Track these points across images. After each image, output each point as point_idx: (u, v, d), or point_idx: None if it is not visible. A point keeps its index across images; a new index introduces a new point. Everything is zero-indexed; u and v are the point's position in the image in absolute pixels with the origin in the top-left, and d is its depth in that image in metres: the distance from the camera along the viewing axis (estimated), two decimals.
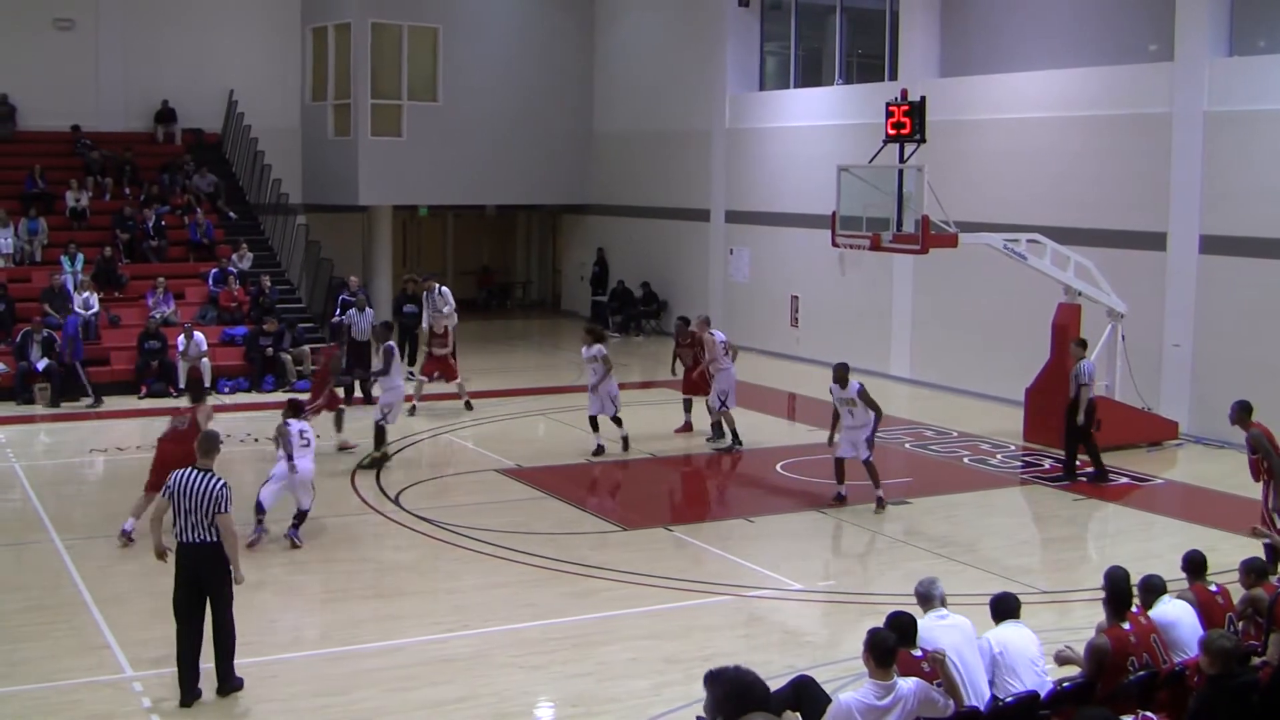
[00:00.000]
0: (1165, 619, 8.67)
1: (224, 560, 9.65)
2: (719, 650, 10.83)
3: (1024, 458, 18.39)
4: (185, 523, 9.58)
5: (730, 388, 18.54)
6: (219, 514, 9.55)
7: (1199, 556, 9.44)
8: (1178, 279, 19.64)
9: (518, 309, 36.02)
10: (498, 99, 30.87)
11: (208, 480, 9.63)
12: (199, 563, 9.59)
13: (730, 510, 16.38)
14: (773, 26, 28.88)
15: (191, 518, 9.56)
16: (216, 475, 9.73)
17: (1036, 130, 21.88)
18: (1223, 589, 9.30)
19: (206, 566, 9.60)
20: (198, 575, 9.61)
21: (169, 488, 9.74)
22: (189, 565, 9.61)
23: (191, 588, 9.63)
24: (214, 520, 9.56)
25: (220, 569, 9.66)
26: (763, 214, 27.82)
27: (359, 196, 29.81)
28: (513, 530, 14.36)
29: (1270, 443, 12.30)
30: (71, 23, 28.94)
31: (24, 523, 14.63)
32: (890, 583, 12.51)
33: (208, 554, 9.59)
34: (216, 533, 9.59)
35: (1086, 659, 8.29)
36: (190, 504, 9.55)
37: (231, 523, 9.70)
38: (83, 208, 26.21)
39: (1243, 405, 12.72)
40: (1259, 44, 19.65)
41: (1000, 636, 8.44)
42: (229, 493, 9.65)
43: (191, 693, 9.63)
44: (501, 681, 10.13)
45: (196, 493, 9.56)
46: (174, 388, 22.10)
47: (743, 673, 6.71)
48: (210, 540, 9.59)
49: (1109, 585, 8.55)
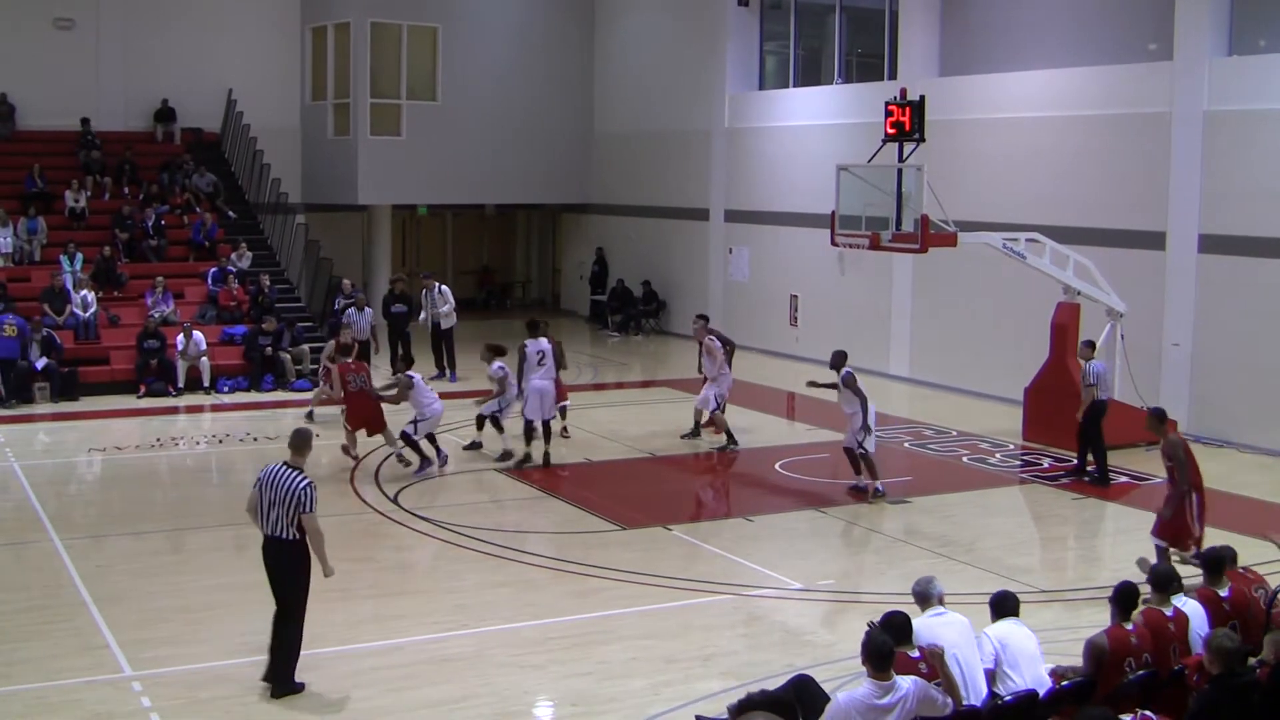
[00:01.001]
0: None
1: (300, 559, 9.69)
2: (719, 650, 10.86)
3: (1023, 457, 18.39)
4: (269, 517, 9.66)
5: (725, 391, 18.50)
6: (302, 514, 9.58)
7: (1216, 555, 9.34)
8: (1177, 278, 19.64)
9: (517, 308, 35.98)
10: (497, 98, 30.87)
11: (293, 478, 9.63)
12: (276, 558, 9.69)
13: (730, 509, 16.39)
14: (772, 26, 28.88)
15: (275, 511, 9.62)
16: (303, 474, 9.71)
17: (1036, 130, 21.88)
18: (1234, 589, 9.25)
19: (282, 563, 9.69)
20: (274, 567, 9.72)
21: (259, 480, 9.81)
22: (269, 559, 9.73)
23: (272, 578, 9.78)
24: (295, 518, 9.59)
25: (295, 567, 9.70)
26: (762, 213, 27.82)
27: (358, 196, 29.82)
28: (512, 530, 14.37)
29: (1185, 452, 12.20)
30: (71, 22, 28.95)
31: (23, 522, 14.61)
32: (889, 582, 12.51)
33: (284, 550, 9.67)
34: (297, 531, 9.63)
35: (1085, 656, 8.30)
36: (275, 498, 9.61)
37: (316, 521, 9.71)
38: (82, 207, 26.21)
39: (1157, 413, 12.65)
40: (1259, 43, 19.65)
41: (999, 632, 8.44)
42: (313, 492, 9.66)
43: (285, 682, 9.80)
44: (501, 681, 10.13)
45: (281, 489, 9.60)
46: (172, 387, 22.11)
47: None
48: (287, 537, 9.64)
49: (1118, 588, 8.55)
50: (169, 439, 19.17)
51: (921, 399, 22.79)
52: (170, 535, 14.40)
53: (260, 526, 9.77)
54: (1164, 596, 8.70)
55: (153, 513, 15.44)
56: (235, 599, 11.97)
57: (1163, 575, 8.83)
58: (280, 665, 9.75)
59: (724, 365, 18.41)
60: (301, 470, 9.74)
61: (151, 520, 14.96)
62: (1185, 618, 8.58)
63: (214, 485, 17.24)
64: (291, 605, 9.74)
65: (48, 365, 21.47)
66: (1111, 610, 8.51)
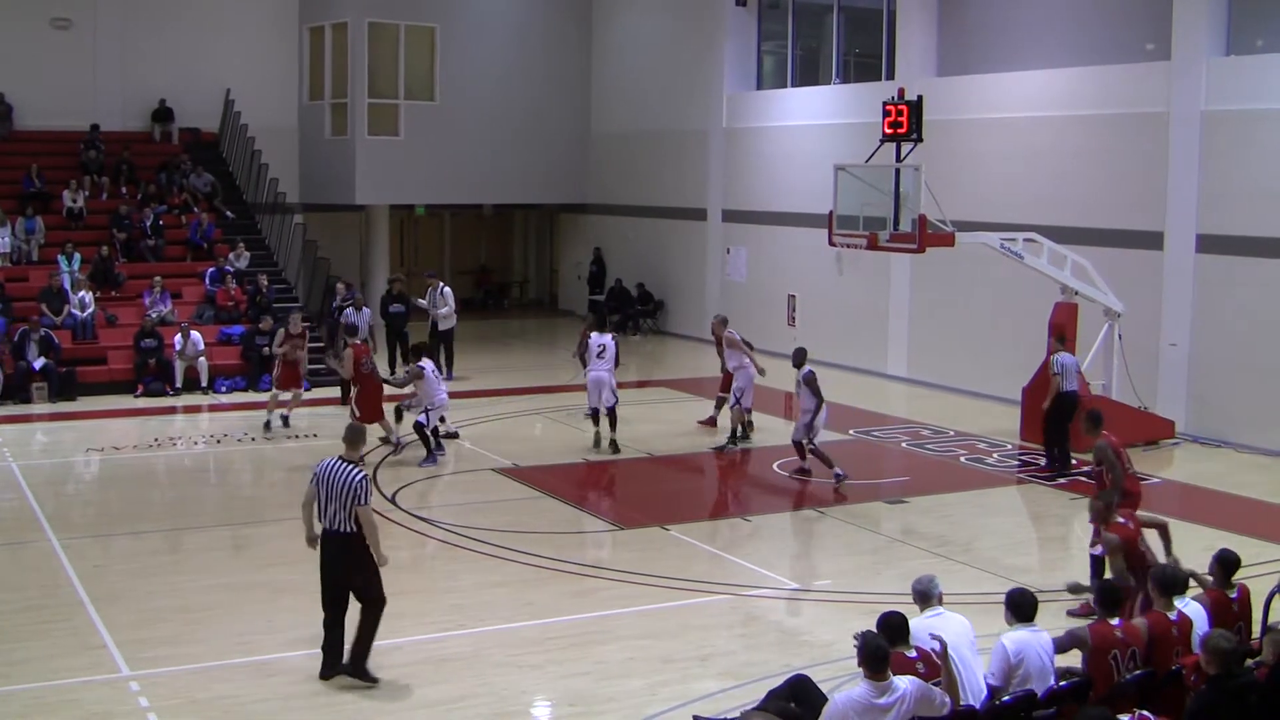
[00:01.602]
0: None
1: (365, 550, 9.80)
2: (716, 650, 10.86)
3: (1020, 457, 18.39)
4: (328, 511, 9.77)
5: (747, 386, 18.65)
6: (358, 506, 9.68)
7: (1230, 556, 9.29)
8: (1174, 278, 19.65)
9: (515, 308, 36.01)
10: (495, 98, 30.87)
11: (349, 472, 9.75)
12: (338, 552, 9.79)
13: (727, 509, 16.39)
14: (770, 26, 28.88)
15: (333, 506, 9.72)
16: (358, 467, 9.85)
17: (1034, 129, 21.89)
18: (1242, 591, 9.25)
19: (345, 556, 9.79)
20: (339, 563, 9.80)
21: (315, 476, 9.89)
22: (329, 553, 9.83)
23: (333, 575, 9.86)
24: (352, 511, 9.68)
25: (358, 560, 9.81)
26: (760, 213, 27.82)
27: (356, 196, 29.80)
28: (510, 529, 14.36)
29: (1115, 454, 12.06)
30: (69, 22, 28.93)
31: (21, 522, 14.61)
32: (887, 582, 12.51)
33: (346, 544, 9.76)
34: (355, 524, 9.71)
35: (1065, 636, 8.34)
36: (332, 493, 9.71)
37: (371, 514, 9.82)
38: (80, 207, 26.19)
39: (1091, 416, 12.52)
40: (1257, 43, 19.66)
41: (1017, 644, 8.15)
42: (369, 485, 9.80)
43: (332, 667, 9.95)
44: (499, 681, 10.13)
45: (338, 483, 9.69)
46: (170, 386, 22.10)
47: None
48: (347, 531, 9.74)
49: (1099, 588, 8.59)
50: (167, 439, 19.16)
51: (919, 399, 22.81)
52: (168, 535, 14.40)
53: (318, 521, 9.90)
54: (1168, 600, 8.68)
55: (150, 512, 15.43)
56: (233, 599, 11.99)
57: (1167, 579, 8.78)
58: (358, 661, 9.90)
59: (745, 356, 18.63)
60: (355, 464, 9.88)
61: (149, 520, 14.95)
62: (1189, 621, 8.56)
63: (212, 485, 17.21)
64: (367, 599, 9.88)
65: (45, 365, 21.47)
66: (1098, 612, 8.55)
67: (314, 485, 9.90)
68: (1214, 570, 9.29)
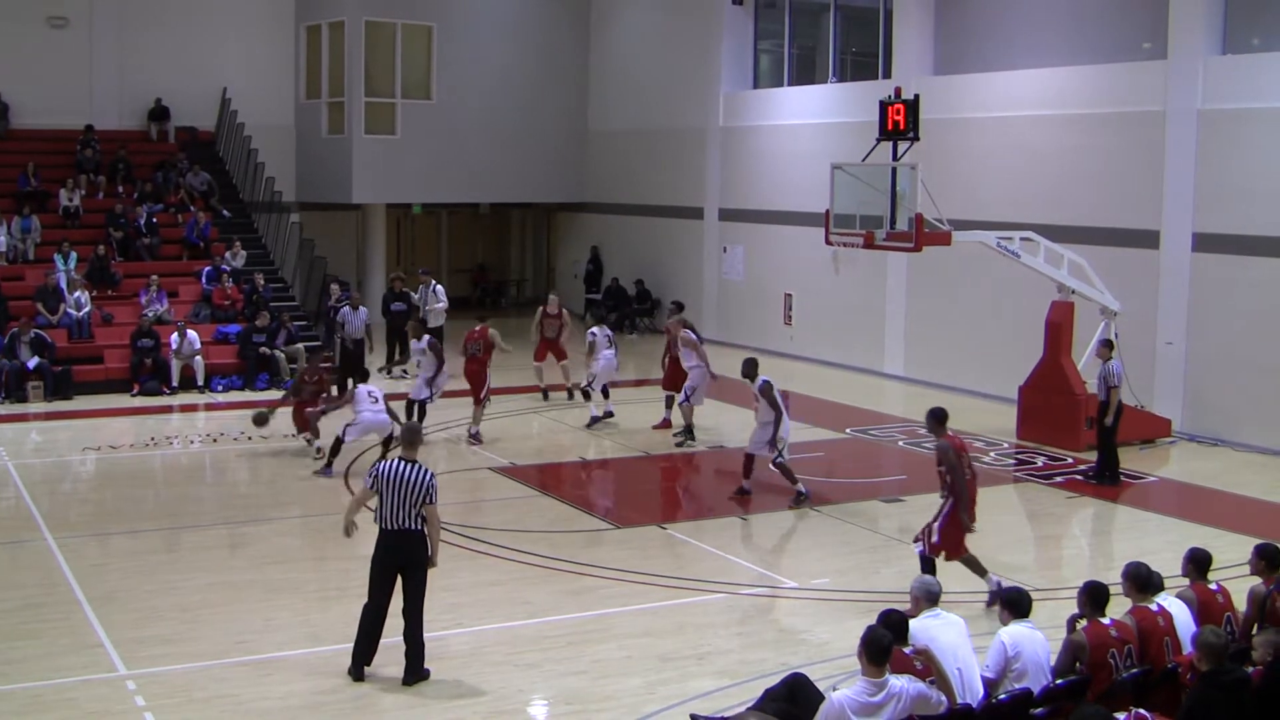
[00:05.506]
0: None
1: (423, 549, 9.97)
2: (713, 648, 10.86)
3: (1017, 455, 18.40)
4: (391, 509, 9.89)
5: (699, 385, 18.49)
6: (428, 504, 9.88)
7: (1203, 554, 9.38)
8: (1171, 277, 19.67)
9: (512, 307, 35.95)
10: (492, 97, 30.86)
11: (417, 471, 9.92)
12: (402, 549, 9.93)
13: (724, 508, 16.37)
14: (767, 24, 28.88)
15: (397, 504, 9.85)
16: (425, 466, 10.01)
17: (1030, 128, 21.90)
18: (1223, 588, 9.30)
19: (408, 553, 9.94)
20: (399, 560, 9.95)
21: (376, 476, 9.99)
22: (391, 549, 9.95)
23: (389, 570, 9.99)
24: (421, 509, 9.86)
25: (420, 557, 9.98)
26: (757, 212, 27.82)
27: (353, 194, 29.80)
28: (507, 528, 14.36)
29: (957, 455, 11.75)
30: (65, 20, 28.90)
31: (17, 521, 14.60)
32: (884, 580, 12.52)
33: (413, 541, 9.93)
34: (421, 521, 9.89)
35: (1063, 654, 8.33)
36: (399, 493, 9.85)
37: (437, 511, 10.06)
38: (76, 206, 26.17)
39: (935, 414, 12.05)
40: (1253, 42, 19.68)
41: (1014, 638, 8.30)
42: (437, 483, 10.00)
43: (360, 668, 10.03)
44: (496, 679, 10.13)
45: (406, 482, 9.85)
46: (167, 385, 22.09)
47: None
48: (415, 528, 9.91)
49: (1084, 587, 8.58)
50: (163, 438, 19.15)
51: (916, 397, 22.76)
52: (165, 534, 14.38)
53: (376, 519, 10.00)
54: (1145, 596, 8.75)
55: (147, 511, 15.41)
56: (230, 598, 11.99)
57: (1141, 577, 8.82)
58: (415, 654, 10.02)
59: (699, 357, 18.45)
60: (420, 463, 10.03)
61: (146, 519, 14.93)
62: (1169, 613, 8.65)
63: (208, 484, 17.21)
64: (418, 594, 10.00)
65: (40, 364, 21.45)
66: (1085, 610, 8.55)
67: (371, 486, 10.04)
68: (1188, 570, 9.35)
